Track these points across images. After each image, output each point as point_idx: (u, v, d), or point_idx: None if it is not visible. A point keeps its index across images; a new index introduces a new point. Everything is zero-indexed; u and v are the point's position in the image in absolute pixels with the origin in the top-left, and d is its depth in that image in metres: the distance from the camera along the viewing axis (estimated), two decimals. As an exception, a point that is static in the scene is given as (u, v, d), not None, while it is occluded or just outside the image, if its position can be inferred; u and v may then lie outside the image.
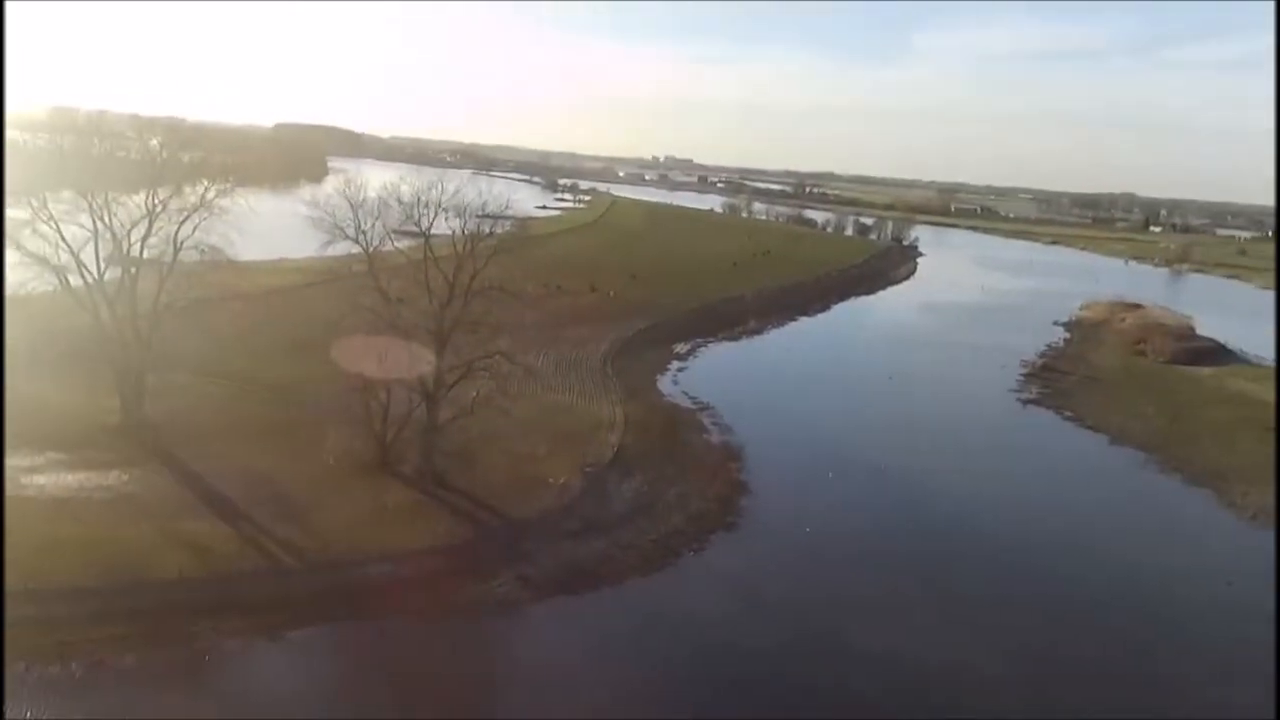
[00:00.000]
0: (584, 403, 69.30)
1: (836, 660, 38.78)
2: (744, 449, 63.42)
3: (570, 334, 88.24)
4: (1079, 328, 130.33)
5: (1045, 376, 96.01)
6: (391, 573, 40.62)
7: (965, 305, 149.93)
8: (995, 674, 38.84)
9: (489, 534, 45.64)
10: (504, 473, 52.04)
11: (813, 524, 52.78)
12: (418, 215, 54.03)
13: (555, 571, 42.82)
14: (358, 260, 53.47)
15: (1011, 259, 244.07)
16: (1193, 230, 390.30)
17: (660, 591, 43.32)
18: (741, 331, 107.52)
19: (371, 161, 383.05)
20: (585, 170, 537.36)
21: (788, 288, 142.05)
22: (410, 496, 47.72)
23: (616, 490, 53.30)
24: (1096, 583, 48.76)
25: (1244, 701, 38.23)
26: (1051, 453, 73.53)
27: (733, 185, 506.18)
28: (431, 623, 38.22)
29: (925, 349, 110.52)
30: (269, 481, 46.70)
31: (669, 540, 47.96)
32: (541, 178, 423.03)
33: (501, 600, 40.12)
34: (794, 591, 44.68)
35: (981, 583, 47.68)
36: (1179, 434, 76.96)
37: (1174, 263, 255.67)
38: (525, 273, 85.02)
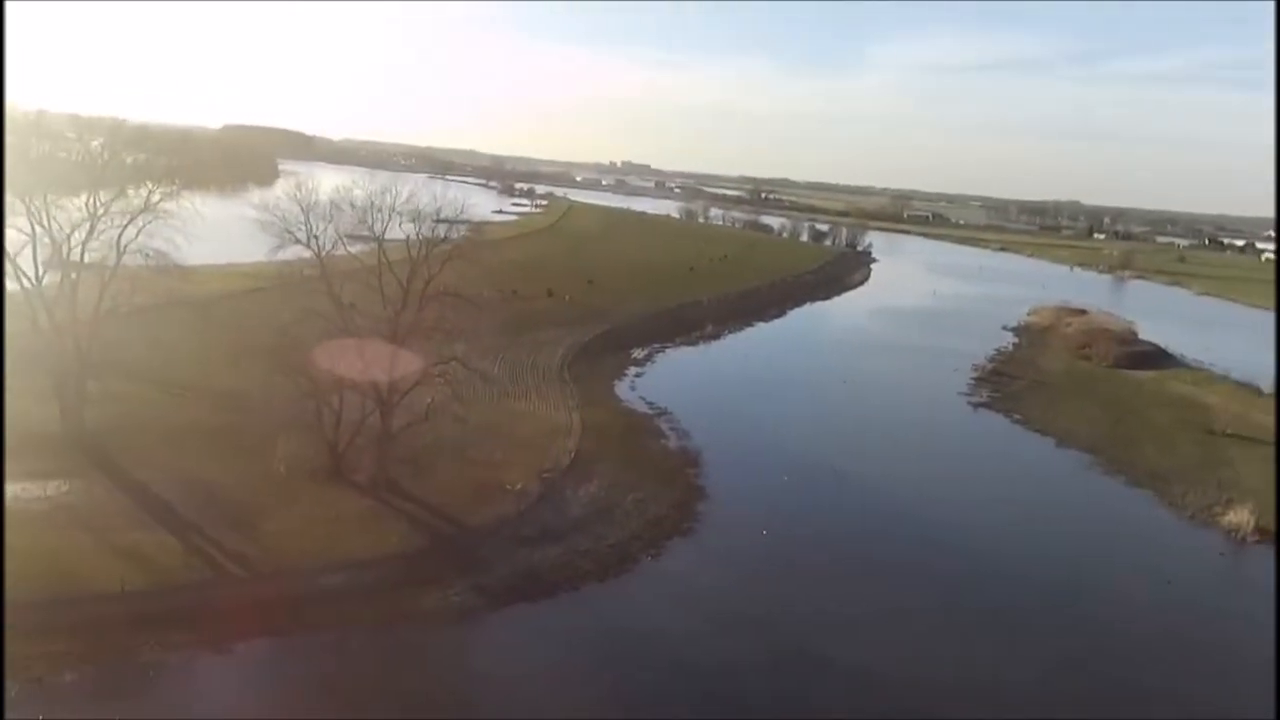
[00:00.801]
0: (541, 408, 68.94)
1: (795, 664, 38.94)
2: (702, 454, 63.62)
3: (527, 339, 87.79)
4: (1027, 332, 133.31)
5: (995, 380, 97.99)
6: (344, 582, 39.92)
7: (918, 310, 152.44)
8: (943, 672, 39.37)
9: (444, 542, 45.08)
10: (460, 479, 51.48)
11: (770, 527, 53.10)
12: (371, 219, 53.30)
13: (512, 579, 42.42)
14: (309, 265, 52.49)
15: (962, 265, 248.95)
16: (1134, 238, 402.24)
17: (618, 598, 43.20)
18: (699, 337, 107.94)
19: (323, 164, 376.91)
20: (542, 175, 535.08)
21: (745, 293, 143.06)
22: (363, 504, 46.95)
23: (574, 496, 53.04)
24: (1043, 583, 49.76)
25: (1179, 695, 39.27)
26: (1001, 456, 75.05)
27: (690, 191, 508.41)
28: (385, 633, 37.57)
29: (879, 353, 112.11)
30: (216, 490, 45.60)
31: (627, 546, 47.85)
32: (498, 182, 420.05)
33: (457, 609, 39.60)
34: (751, 595, 44.83)
35: (931, 584, 48.32)
36: (1122, 436, 79.07)
37: (1117, 269, 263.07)
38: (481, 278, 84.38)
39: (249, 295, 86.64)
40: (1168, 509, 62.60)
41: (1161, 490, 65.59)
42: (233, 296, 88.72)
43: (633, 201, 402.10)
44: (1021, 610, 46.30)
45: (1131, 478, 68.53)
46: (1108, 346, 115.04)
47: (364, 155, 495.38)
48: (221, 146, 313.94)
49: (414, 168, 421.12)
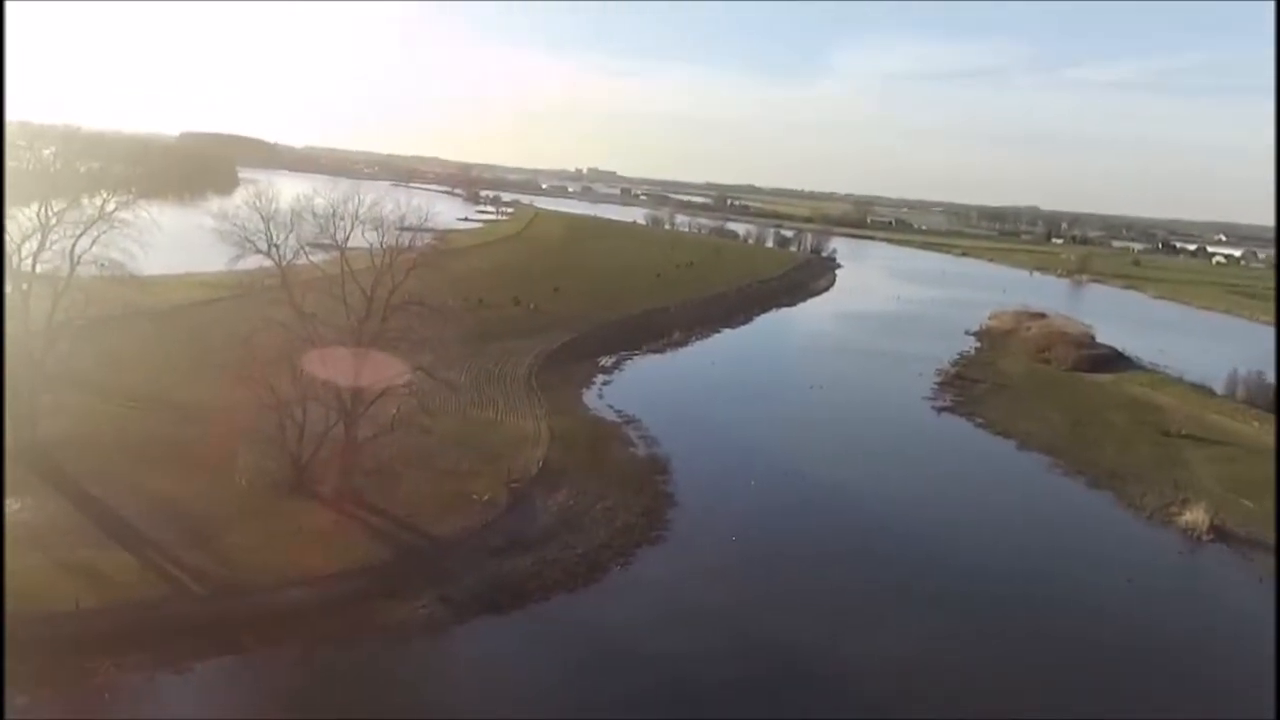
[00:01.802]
0: (508, 418, 68.49)
1: (766, 669, 39.00)
2: (670, 461, 63.62)
3: (494, 348, 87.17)
4: (988, 336, 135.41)
5: (958, 384, 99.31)
6: (307, 597, 39.25)
7: (882, 315, 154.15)
8: (911, 669, 39.69)
9: (411, 554, 44.52)
10: (426, 491, 50.93)
11: (739, 533, 53.24)
12: (333, 228, 52.61)
13: (480, 590, 41.99)
14: (270, 274, 51.69)
15: (925, 270, 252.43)
16: (1091, 242, 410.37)
17: (588, 607, 42.97)
18: (666, 344, 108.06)
19: (285, 172, 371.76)
20: (508, 182, 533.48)
21: (711, 299, 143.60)
22: (328, 517, 46.21)
23: (542, 506, 52.73)
24: (1007, 583, 50.44)
25: (1136, 692, 39.98)
26: (964, 458, 76.01)
27: (656, 198, 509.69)
28: (350, 648, 36.94)
29: (845, 358, 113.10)
30: (174, 505, 44.59)
31: (596, 555, 47.63)
32: (463, 190, 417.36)
33: (424, 622, 39.11)
34: (721, 601, 44.84)
35: (898, 583, 48.85)
36: (1081, 438, 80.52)
37: (1074, 273, 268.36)
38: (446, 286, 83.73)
39: (208, 306, 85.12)
40: (1126, 509, 63.81)
41: (1120, 491, 66.85)
42: (192, 307, 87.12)
43: (599, 209, 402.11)
44: (985, 612, 46.84)
45: (1091, 479, 69.77)
46: (1066, 350, 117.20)
47: (326, 163, 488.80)
48: (179, 154, 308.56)
49: (377, 175, 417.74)
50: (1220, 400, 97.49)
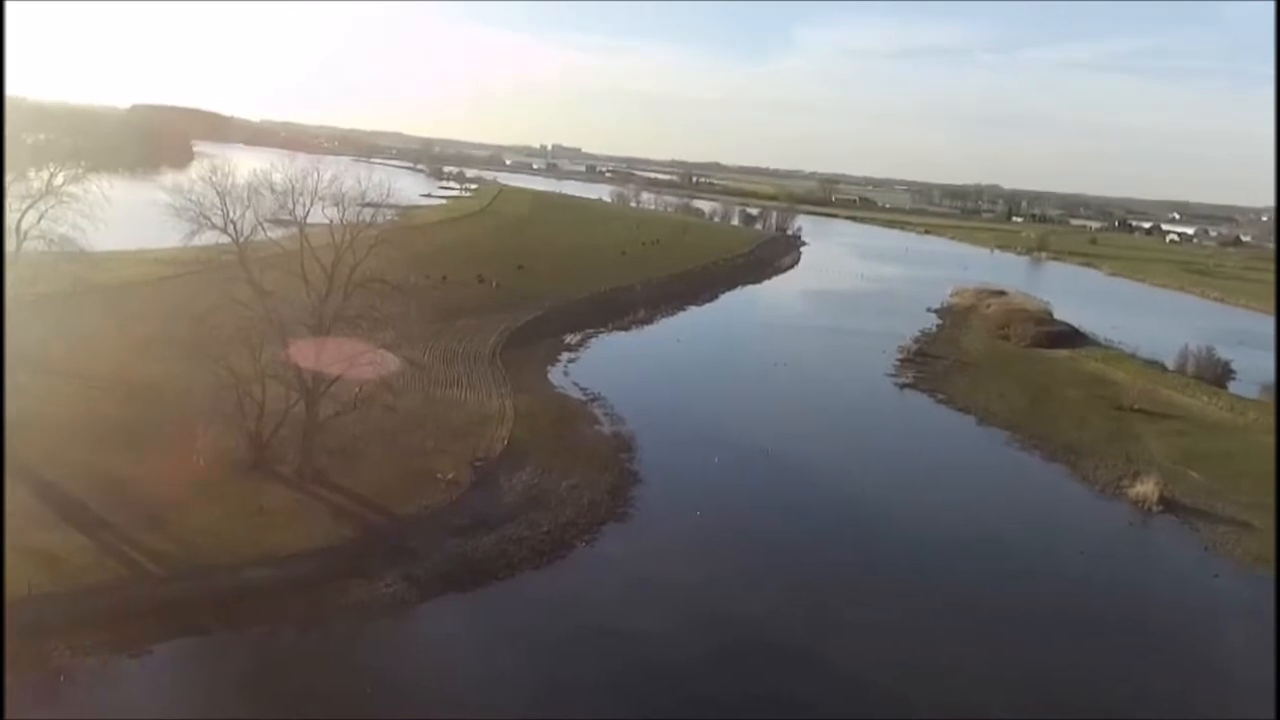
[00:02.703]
0: (473, 396, 68.12)
1: (732, 644, 39.50)
2: (635, 439, 63.81)
3: (458, 326, 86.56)
4: (949, 314, 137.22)
5: (919, 361, 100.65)
6: (269, 577, 38.87)
7: (846, 293, 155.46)
8: (877, 641, 40.46)
9: (375, 533, 44.27)
10: (390, 469, 50.57)
11: (704, 509, 53.69)
12: (292, 203, 51.58)
13: (445, 569, 41.93)
14: (227, 251, 50.59)
15: (888, 248, 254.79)
16: (1050, 220, 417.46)
17: (553, 584, 43.11)
18: (632, 321, 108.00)
19: (241, 146, 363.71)
20: (472, 158, 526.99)
21: (677, 277, 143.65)
22: (290, 497, 45.74)
23: (507, 484, 52.65)
24: (965, 554, 51.51)
25: (1086, 661, 41.23)
26: (926, 434, 77.21)
27: (621, 175, 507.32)
28: (313, 628, 36.73)
29: (809, 336, 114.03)
30: (130, 486, 43.77)
31: (561, 532, 47.76)
32: (426, 165, 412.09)
33: (389, 601, 38.97)
34: (686, 577, 45.24)
35: (859, 554, 49.86)
36: (1039, 413, 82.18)
37: (1033, 251, 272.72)
38: (409, 263, 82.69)
39: (163, 283, 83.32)
40: (1081, 482, 65.38)
41: (1075, 464, 68.45)
42: (146, 284, 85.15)
43: (564, 185, 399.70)
44: (943, 583, 47.77)
45: (1047, 453, 71.32)
46: (1025, 327, 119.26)
47: (284, 137, 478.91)
48: (131, 127, 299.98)
49: (338, 150, 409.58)
50: (1172, 375, 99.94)
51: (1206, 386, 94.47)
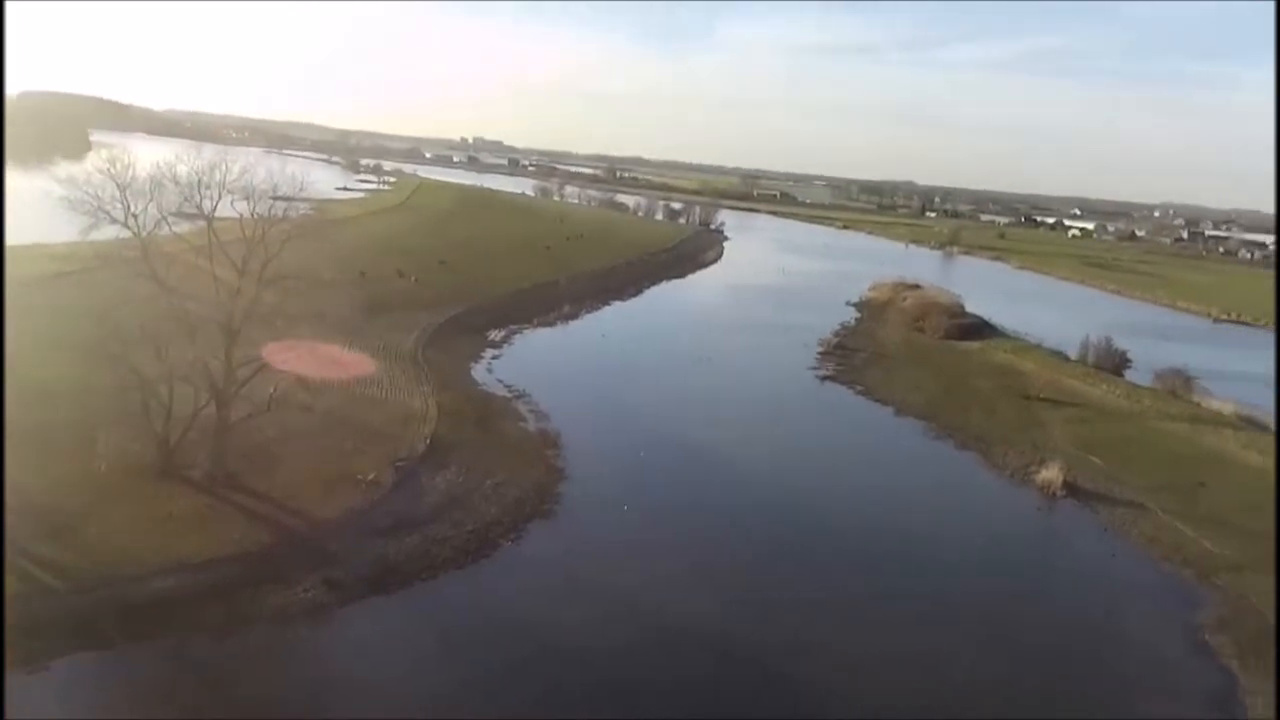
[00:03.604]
0: (394, 394, 66.72)
1: (655, 638, 39.80)
2: (561, 435, 63.56)
3: (378, 322, 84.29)
4: (867, 307, 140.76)
5: (839, 354, 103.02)
6: (180, 586, 37.37)
7: (769, 287, 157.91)
8: (794, 628, 41.34)
9: (291, 537, 42.97)
10: (307, 471, 49.18)
11: (630, 503, 53.88)
12: (199, 196, 49.56)
13: (366, 572, 41.02)
14: (128, 246, 48.25)
15: (809, 242, 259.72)
16: (961, 216, 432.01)
17: (477, 584, 42.65)
18: (556, 317, 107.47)
19: (143, 136, 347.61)
20: (389, 151, 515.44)
21: (601, 272, 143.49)
22: (200, 502, 44.01)
23: (430, 484, 51.81)
24: (882, 542, 53.06)
25: (994, 639, 43.01)
26: (846, 425, 79.14)
27: (544, 168, 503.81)
28: (226, 637, 35.47)
29: (734, 330, 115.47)
30: (26, 496, 41.20)
31: (486, 531, 47.28)
32: (341, 158, 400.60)
33: (306, 607, 37.92)
34: (612, 573, 45.39)
35: (781, 544, 50.82)
36: (952, 403, 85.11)
37: (946, 245, 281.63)
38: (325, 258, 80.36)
39: (60, 280, 78.78)
40: (991, 469, 68.00)
41: (986, 452, 71.14)
42: (40, 281, 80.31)
43: (485, 179, 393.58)
44: (859, 571, 49.21)
45: (960, 441, 73.92)
46: (939, 320, 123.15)
47: (189, 127, 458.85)
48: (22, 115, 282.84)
49: (248, 141, 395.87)
50: (1074, 365, 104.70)
51: (1105, 375, 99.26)
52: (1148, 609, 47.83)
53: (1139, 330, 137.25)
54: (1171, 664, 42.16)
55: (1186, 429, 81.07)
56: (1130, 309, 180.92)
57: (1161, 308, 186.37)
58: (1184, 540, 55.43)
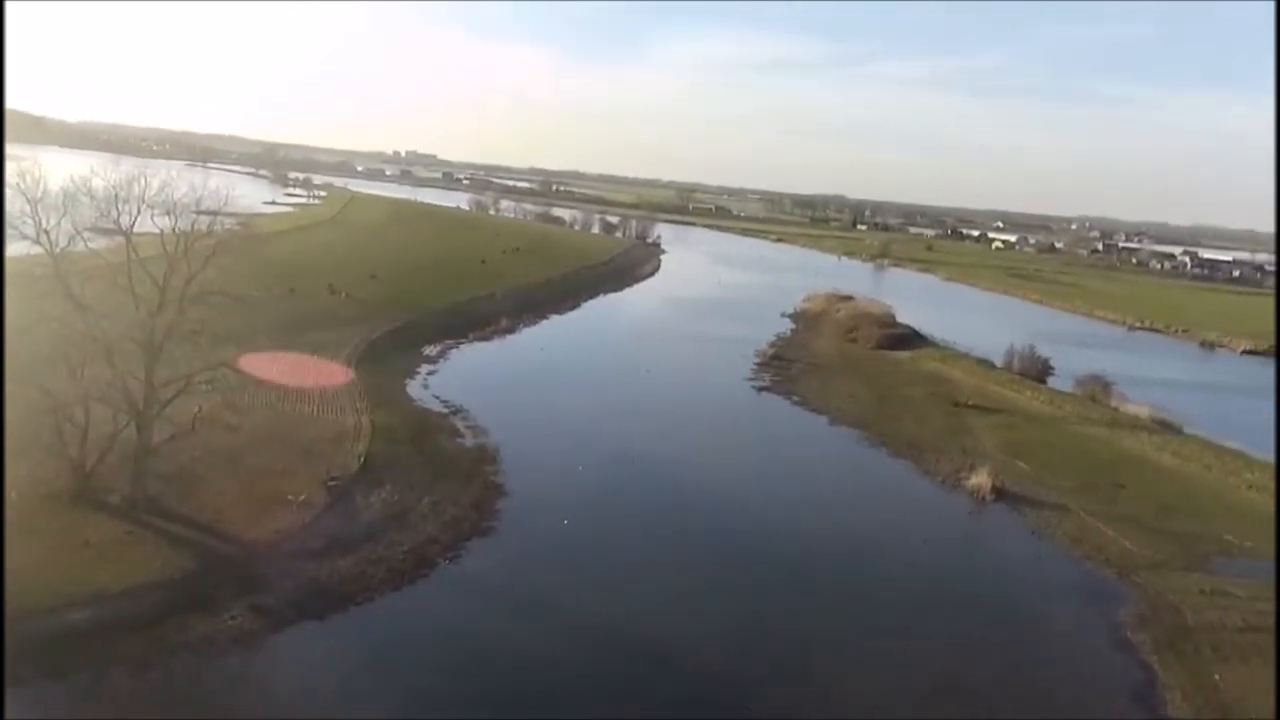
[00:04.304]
0: (326, 412, 65.08)
1: (596, 650, 39.52)
2: (500, 450, 62.84)
3: (309, 339, 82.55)
4: (802, 318, 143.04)
5: (775, 365, 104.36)
6: (98, 617, 35.68)
7: (705, 300, 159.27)
8: (731, 636, 41.52)
9: (218, 562, 41.45)
10: (234, 494, 47.57)
11: (571, 517, 53.52)
12: (116, 211, 47.78)
13: (297, 596, 39.83)
14: (40, 263, 46.20)
15: (744, 255, 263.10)
16: (891, 229, 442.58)
17: (414, 605, 41.75)
18: (493, 331, 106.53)
19: (55, 149, 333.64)
20: (320, 164, 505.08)
21: (539, 286, 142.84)
22: (118, 528, 42.16)
23: (364, 503, 50.61)
24: (820, 549, 53.70)
25: (930, 639, 43.93)
26: (783, 435, 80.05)
27: (479, 182, 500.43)
28: (149, 669, 34.00)
29: (672, 342, 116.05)
30: (-72, 527, 39.08)
31: (423, 551, 46.36)
32: (269, 171, 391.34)
33: (233, 634, 36.59)
34: (552, 587, 44.93)
35: (722, 554, 50.95)
36: (885, 412, 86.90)
37: (877, 258, 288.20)
38: (252, 274, 78.37)
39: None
40: (924, 476, 69.51)
41: (918, 459, 72.76)
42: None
43: (419, 193, 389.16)
44: (798, 575, 49.71)
45: (893, 449, 75.44)
46: (871, 330, 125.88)
47: (107, 140, 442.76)
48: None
49: (169, 154, 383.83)
50: (1000, 372, 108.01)
51: (1030, 382, 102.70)
52: (1073, 608, 49.36)
53: (1060, 338, 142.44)
54: (1095, 660, 43.54)
55: (1106, 433, 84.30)
56: (1052, 318, 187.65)
57: (1080, 316, 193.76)
58: (1105, 540, 57.48)
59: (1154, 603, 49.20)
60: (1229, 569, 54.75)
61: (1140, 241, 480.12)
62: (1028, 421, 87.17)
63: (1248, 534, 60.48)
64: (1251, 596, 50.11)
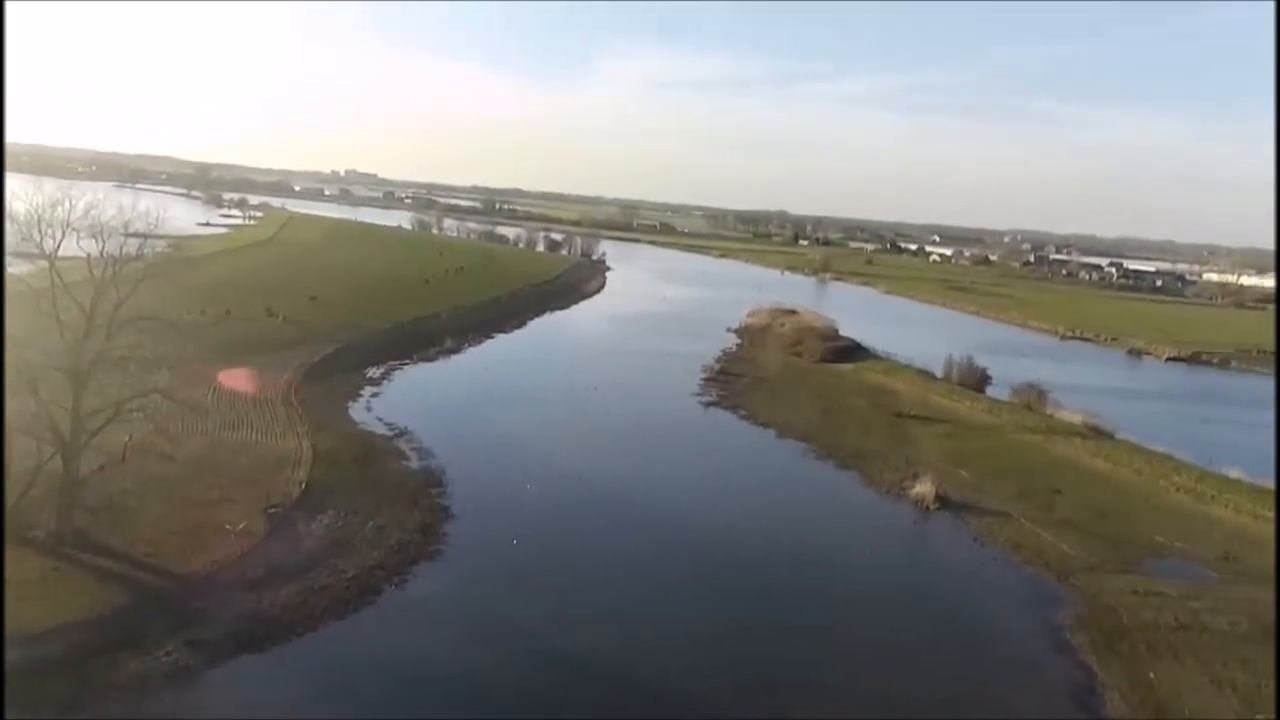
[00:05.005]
0: (265, 438, 63.48)
1: (547, 671, 39.03)
2: (446, 472, 62.00)
3: (246, 363, 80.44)
4: (747, 333, 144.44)
5: (722, 379, 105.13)
6: (21, 660, 33.95)
7: (652, 316, 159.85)
8: (680, 653, 41.38)
9: (151, 597, 39.97)
10: (168, 524, 46.00)
11: (520, 537, 52.96)
12: (39, 235, 46.09)
13: (235, 628, 38.55)
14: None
15: (688, 271, 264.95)
16: (832, 243, 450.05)
17: (360, 633, 40.78)
18: (438, 351, 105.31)
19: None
20: (255, 184, 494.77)
21: (484, 305, 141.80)
22: (43, 565, 40.38)
23: (306, 530, 49.37)
24: (771, 562, 53.89)
25: (875, 645, 44.48)
26: (731, 450, 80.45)
27: (421, 201, 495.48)
28: (77, 710, 32.48)
29: (618, 359, 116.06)
30: None
31: (368, 577, 45.36)
32: (202, 191, 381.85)
33: (169, 671, 35.19)
34: (502, 612, 44.30)
35: (673, 571, 50.93)
36: (830, 424, 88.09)
37: (819, 272, 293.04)
38: (186, 297, 76.27)
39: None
40: (869, 486, 70.54)
41: (863, 470, 73.84)
42: None
43: (360, 212, 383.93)
44: (748, 589, 49.85)
45: (839, 460, 76.44)
46: (815, 343, 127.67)
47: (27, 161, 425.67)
48: None
49: (95, 175, 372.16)
50: (940, 383, 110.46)
51: (969, 392, 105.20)
52: (1015, 612, 50.44)
53: (997, 348, 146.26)
54: (1038, 663, 44.52)
55: (1042, 440, 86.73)
56: (988, 329, 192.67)
57: (1015, 327, 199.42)
58: (1045, 545, 58.98)
59: (1091, 605, 50.58)
60: (1161, 569, 56.65)
61: (1069, 253, 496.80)
62: (968, 430, 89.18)
63: (1177, 535, 62.74)
64: (1182, 595, 51.88)
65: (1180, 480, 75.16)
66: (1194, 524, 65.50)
